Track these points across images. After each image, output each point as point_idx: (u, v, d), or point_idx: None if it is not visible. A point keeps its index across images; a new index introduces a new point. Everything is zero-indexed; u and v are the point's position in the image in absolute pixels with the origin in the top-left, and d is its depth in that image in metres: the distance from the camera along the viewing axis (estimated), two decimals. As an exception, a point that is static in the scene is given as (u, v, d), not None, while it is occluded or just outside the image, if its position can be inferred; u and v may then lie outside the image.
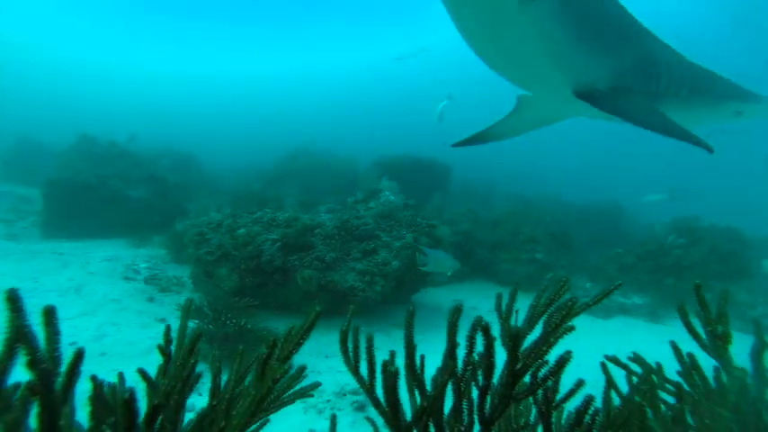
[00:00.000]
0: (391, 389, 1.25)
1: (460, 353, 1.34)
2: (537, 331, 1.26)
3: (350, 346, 1.37)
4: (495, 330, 1.24)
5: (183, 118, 35.76)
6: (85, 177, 8.71)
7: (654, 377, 1.63)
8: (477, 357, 1.26)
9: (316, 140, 16.00)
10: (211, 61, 42.79)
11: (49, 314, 0.91)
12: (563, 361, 1.13)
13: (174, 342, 1.32)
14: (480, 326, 1.17)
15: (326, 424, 3.16)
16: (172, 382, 1.16)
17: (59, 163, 8.99)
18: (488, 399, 1.25)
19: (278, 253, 5.24)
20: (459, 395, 1.27)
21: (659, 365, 1.71)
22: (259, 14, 35.70)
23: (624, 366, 1.71)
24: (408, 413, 1.31)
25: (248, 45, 40.03)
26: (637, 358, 1.73)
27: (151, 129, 18.06)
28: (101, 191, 8.84)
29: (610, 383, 1.55)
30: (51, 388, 0.92)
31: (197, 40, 38.98)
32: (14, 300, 0.87)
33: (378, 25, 35.07)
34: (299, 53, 41.24)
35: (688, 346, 1.62)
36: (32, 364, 0.89)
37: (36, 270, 5.83)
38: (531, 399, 1.33)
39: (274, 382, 1.14)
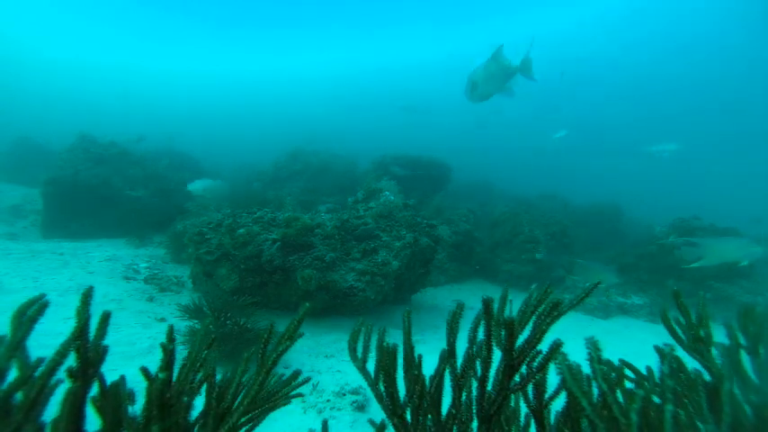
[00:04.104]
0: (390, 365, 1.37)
1: (460, 350, 1.36)
2: (527, 332, 1.28)
3: (359, 346, 1.52)
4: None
5: (183, 117, 35.75)
6: (85, 177, 8.71)
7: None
8: (476, 349, 1.30)
9: (316, 140, 15.98)
10: (212, 61, 42.81)
11: (105, 319, 1.13)
12: (556, 346, 1.15)
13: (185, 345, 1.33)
14: (483, 300, 1.23)
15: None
16: (184, 383, 1.20)
17: (59, 162, 8.96)
18: (487, 389, 1.27)
19: (278, 252, 5.24)
20: (459, 388, 1.30)
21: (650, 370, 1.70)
22: (259, 14, 35.69)
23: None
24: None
25: (249, 45, 40.03)
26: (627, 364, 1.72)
27: (151, 128, 18.06)
28: (101, 190, 8.83)
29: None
30: (87, 375, 1.07)
31: (197, 39, 38.97)
32: (87, 295, 1.07)
33: (377, 26, 35.04)
34: (299, 53, 41.25)
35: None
36: (79, 351, 1.05)
37: (36, 270, 5.82)
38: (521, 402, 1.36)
39: (273, 365, 1.22)
